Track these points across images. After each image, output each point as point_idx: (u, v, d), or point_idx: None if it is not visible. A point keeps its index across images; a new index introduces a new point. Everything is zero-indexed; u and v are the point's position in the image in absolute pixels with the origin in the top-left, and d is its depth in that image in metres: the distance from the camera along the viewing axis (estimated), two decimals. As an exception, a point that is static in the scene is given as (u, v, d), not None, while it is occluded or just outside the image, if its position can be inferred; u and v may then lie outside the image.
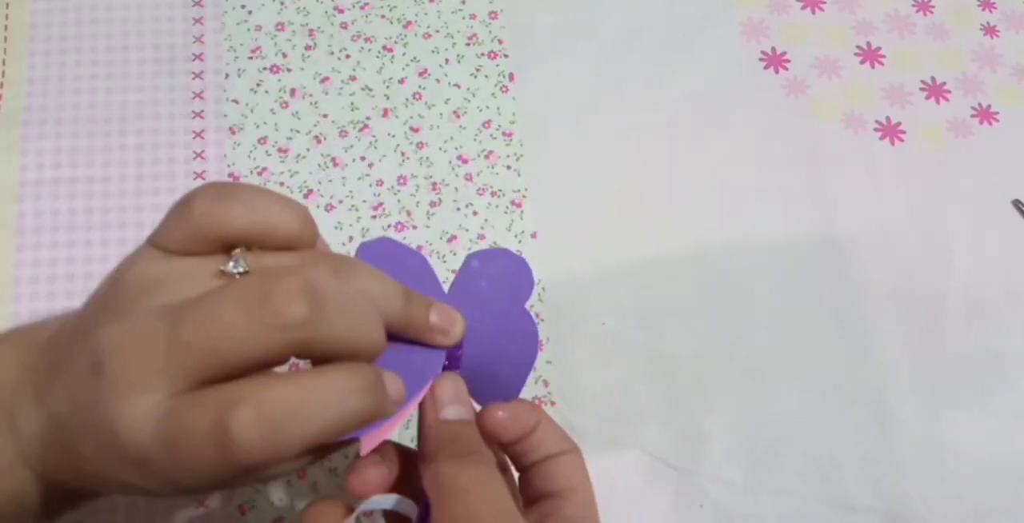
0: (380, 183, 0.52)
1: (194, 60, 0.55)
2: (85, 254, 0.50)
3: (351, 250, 0.50)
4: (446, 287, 0.35)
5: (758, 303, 0.50)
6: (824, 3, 0.59)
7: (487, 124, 0.54)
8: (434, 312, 0.30)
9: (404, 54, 0.56)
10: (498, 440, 0.30)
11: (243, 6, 0.56)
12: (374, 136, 0.53)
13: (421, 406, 0.30)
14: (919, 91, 0.57)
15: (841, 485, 0.47)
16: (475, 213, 0.52)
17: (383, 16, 0.57)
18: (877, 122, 0.56)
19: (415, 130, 0.54)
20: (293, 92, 0.54)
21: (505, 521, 0.26)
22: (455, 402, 0.30)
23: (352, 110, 0.54)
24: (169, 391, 0.22)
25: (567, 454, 0.31)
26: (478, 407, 0.31)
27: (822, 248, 0.52)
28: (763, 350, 0.49)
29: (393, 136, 0.53)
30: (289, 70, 0.55)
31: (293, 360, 0.25)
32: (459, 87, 0.55)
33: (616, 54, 0.56)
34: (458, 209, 0.52)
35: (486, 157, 0.53)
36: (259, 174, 0.52)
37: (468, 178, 0.53)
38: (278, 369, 0.25)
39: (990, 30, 0.59)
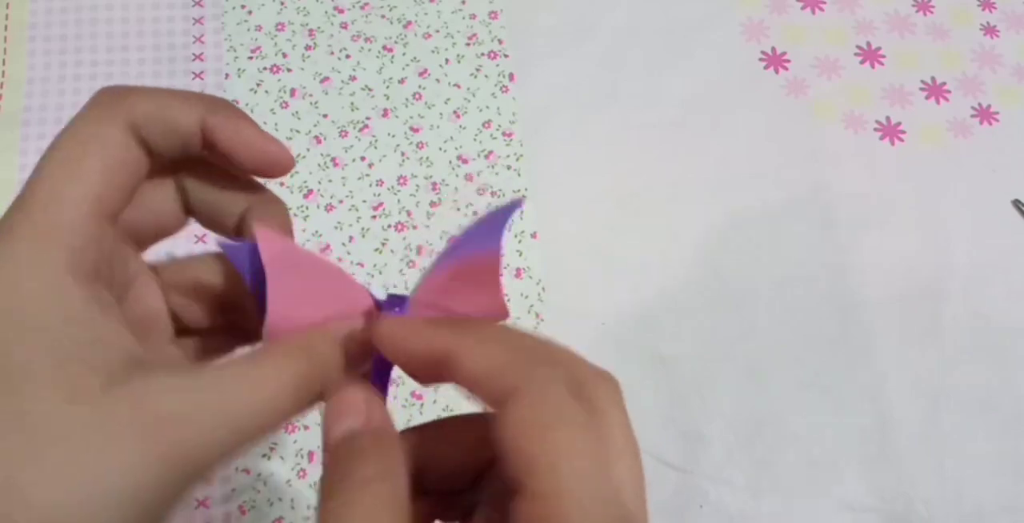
0: (380, 183, 0.52)
1: (194, 60, 0.55)
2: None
3: (351, 250, 0.50)
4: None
5: (758, 303, 0.50)
6: (824, 3, 0.59)
7: (487, 124, 0.54)
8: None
9: (404, 54, 0.56)
10: (392, 359, 0.23)
11: (243, 6, 0.56)
12: (374, 136, 0.53)
13: None
14: (919, 91, 0.57)
15: (841, 485, 0.47)
16: (475, 213, 0.52)
17: (383, 16, 0.57)
18: (877, 122, 0.56)
19: (415, 130, 0.54)
20: (293, 92, 0.54)
21: None
22: (346, 415, 0.22)
23: (352, 110, 0.54)
24: None
25: (504, 413, 0.20)
26: None
27: (822, 248, 0.52)
28: (763, 350, 0.49)
29: (393, 136, 0.53)
30: (289, 70, 0.55)
31: None
32: (459, 87, 0.55)
33: (616, 54, 0.56)
34: (458, 209, 0.52)
35: (486, 157, 0.53)
36: (259, 174, 0.52)
37: (468, 178, 0.53)
38: None
39: (990, 30, 0.59)
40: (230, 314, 0.26)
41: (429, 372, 0.22)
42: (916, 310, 0.51)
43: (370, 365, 0.25)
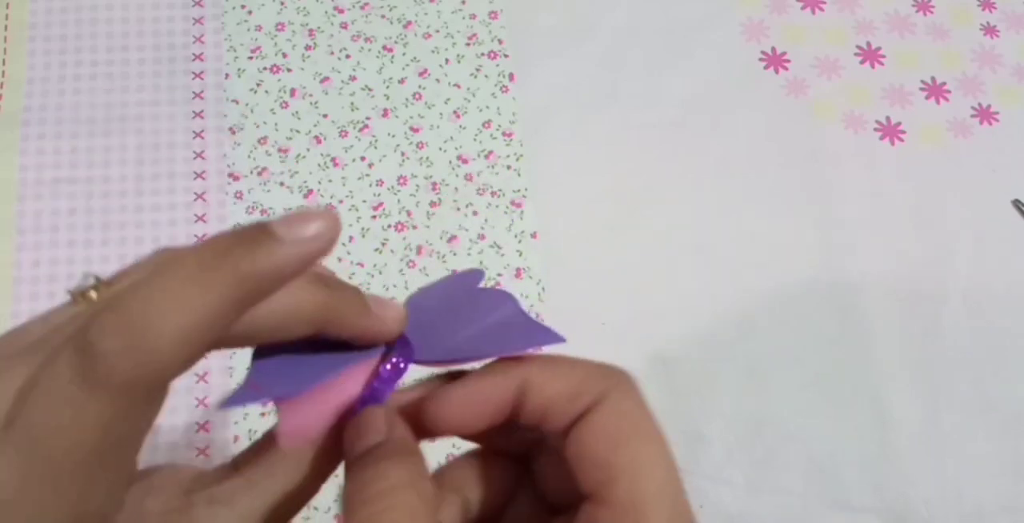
0: (380, 183, 0.52)
1: (194, 60, 0.55)
2: (85, 254, 0.50)
3: (351, 250, 0.50)
4: None
5: (758, 303, 0.50)
6: (824, 3, 0.59)
7: (487, 124, 0.54)
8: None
9: (404, 54, 0.56)
10: (465, 437, 0.22)
11: (243, 6, 0.56)
12: (374, 136, 0.53)
13: None
14: (919, 91, 0.57)
15: (841, 485, 0.47)
16: (475, 213, 0.52)
17: (383, 16, 0.57)
18: (877, 122, 0.56)
19: (415, 130, 0.54)
20: (293, 92, 0.54)
21: None
22: (368, 433, 0.22)
23: (352, 110, 0.54)
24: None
25: (589, 416, 0.20)
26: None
27: (822, 248, 0.52)
28: (763, 350, 0.49)
29: (393, 136, 0.53)
30: (289, 70, 0.55)
31: None
32: (459, 87, 0.55)
33: (616, 54, 0.56)
34: (458, 209, 0.52)
35: (486, 157, 0.53)
36: (259, 174, 0.52)
37: (468, 178, 0.53)
38: None
39: (990, 30, 0.59)
40: None
41: (499, 416, 0.22)
42: (916, 310, 0.51)
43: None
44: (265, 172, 0.52)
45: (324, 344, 0.22)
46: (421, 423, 0.22)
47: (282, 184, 0.52)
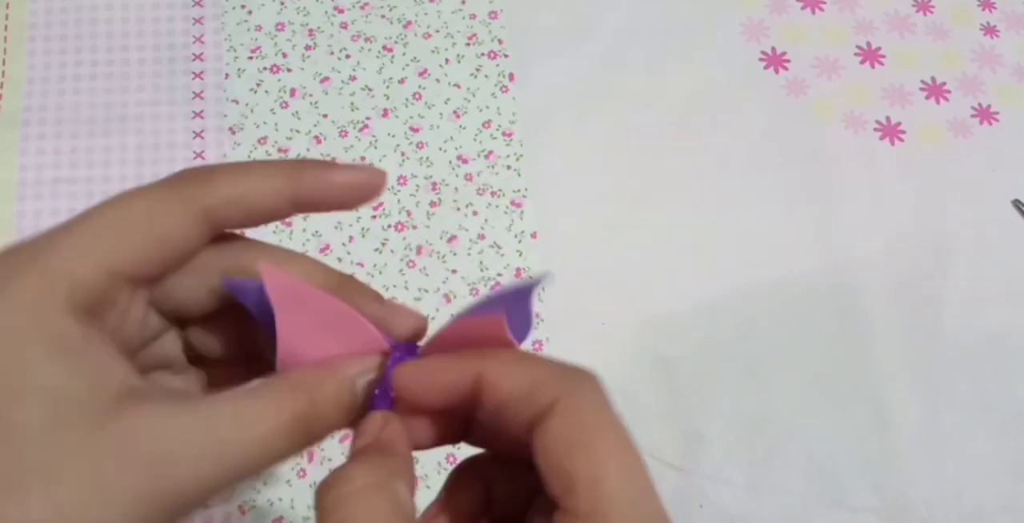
0: (380, 183, 0.52)
1: (194, 60, 0.55)
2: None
3: (351, 250, 0.50)
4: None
5: (758, 303, 0.50)
6: (824, 3, 0.59)
7: (487, 124, 0.54)
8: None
9: (404, 54, 0.56)
10: (421, 406, 0.22)
11: (243, 6, 0.56)
12: (374, 136, 0.53)
13: None
14: (919, 91, 0.57)
15: (841, 485, 0.47)
16: (475, 213, 0.52)
17: (383, 16, 0.57)
18: (877, 122, 0.56)
19: (415, 130, 0.54)
20: (293, 92, 0.54)
21: None
22: (357, 438, 0.23)
23: (352, 110, 0.54)
24: None
25: (543, 426, 0.20)
26: None
27: (822, 248, 0.52)
28: (763, 350, 0.49)
29: (393, 136, 0.53)
30: (289, 70, 0.55)
31: None
32: (459, 87, 0.55)
33: (616, 54, 0.56)
34: (458, 209, 0.52)
35: (486, 157, 0.53)
36: (259, 174, 0.52)
37: (468, 178, 0.53)
38: None
39: (990, 30, 0.59)
40: (247, 344, 0.26)
41: (455, 406, 0.22)
42: (916, 310, 0.51)
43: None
44: (265, 172, 0.52)
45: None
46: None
47: (282, 184, 0.52)
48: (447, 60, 0.56)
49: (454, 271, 0.50)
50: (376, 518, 0.19)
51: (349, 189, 0.24)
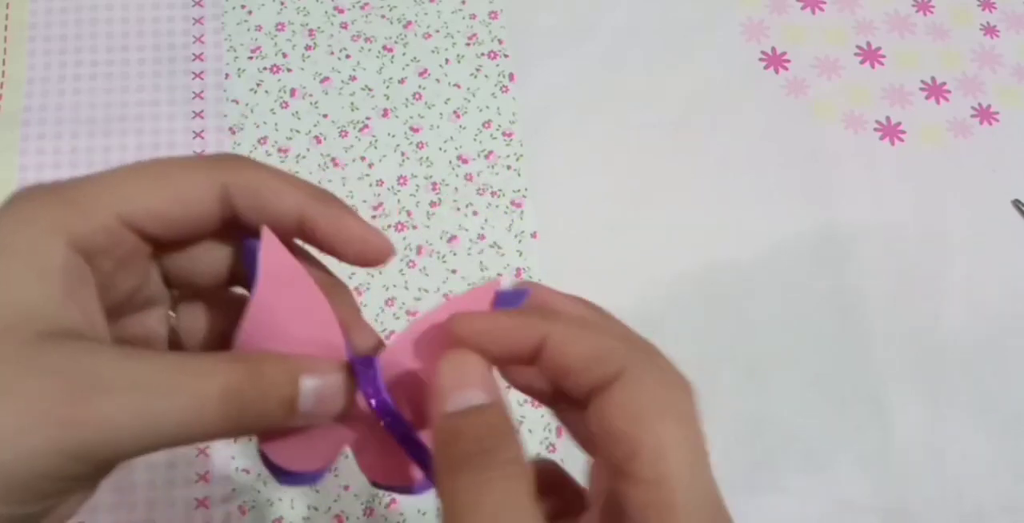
0: (380, 183, 0.52)
1: (194, 60, 0.55)
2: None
3: (351, 250, 0.50)
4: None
5: (758, 303, 0.50)
6: (824, 3, 0.59)
7: (487, 124, 0.54)
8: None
9: (404, 54, 0.56)
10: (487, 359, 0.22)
11: (243, 6, 0.56)
12: (374, 136, 0.53)
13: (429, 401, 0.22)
14: (919, 91, 0.57)
15: (841, 485, 0.47)
16: (475, 213, 0.52)
17: (383, 16, 0.57)
18: (877, 122, 0.56)
19: (415, 130, 0.54)
20: (293, 92, 0.54)
21: None
22: (464, 386, 0.21)
23: (352, 110, 0.54)
24: None
25: (607, 392, 0.20)
26: None
27: (822, 248, 0.52)
28: (763, 350, 0.49)
29: (393, 136, 0.53)
30: (289, 70, 0.55)
31: None
32: (459, 87, 0.55)
33: (616, 54, 0.56)
34: (458, 209, 0.52)
35: (486, 157, 0.53)
36: (259, 174, 0.52)
37: (468, 178, 0.53)
38: None
39: (990, 30, 0.59)
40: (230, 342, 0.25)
41: (515, 363, 0.22)
42: (916, 310, 0.51)
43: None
44: (265, 172, 0.52)
45: None
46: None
47: (282, 184, 0.52)
48: (447, 60, 0.56)
49: (454, 271, 0.50)
50: (523, 483, 0.19)
51: (359, 242, 0.23)
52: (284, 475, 0.23)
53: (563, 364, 0.21)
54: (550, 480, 0.25)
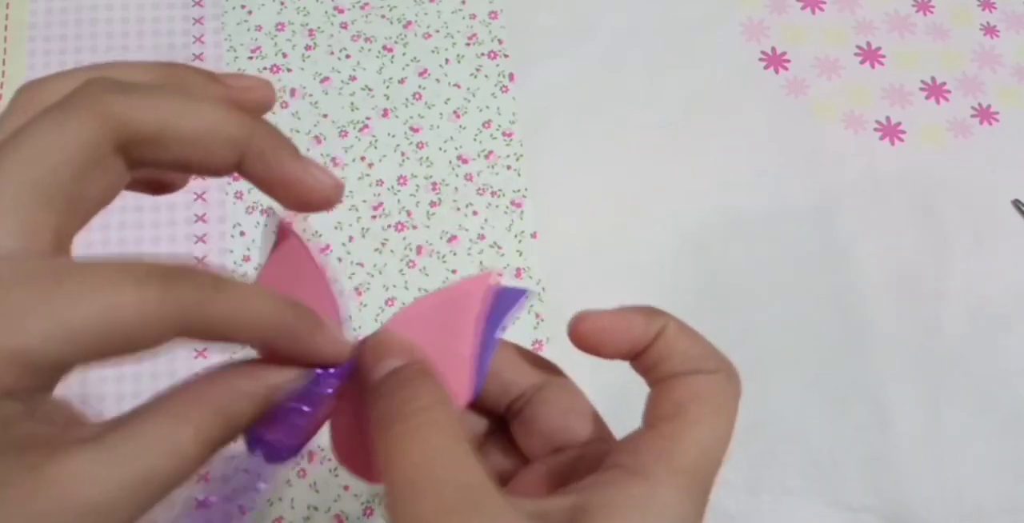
0: (380, 183, 0.52)
1: (194, 60, 0.55)
2: (85, 254, 0.50)
3: (351, 250, 0.50)
4: None
5: (758, 303, 0.50)
6: (824, 3, 0.59)
7: (487, 124, 0.54)
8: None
9: (404, 54, 0.56)
10: (594, 355, 0.24)
11: (243, 6, 0.56)
12: (374, 136, 0.53)
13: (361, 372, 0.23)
14: (919, 91, 0.57)
15: (841, 485, 0.47)
16: (475, 213, 0.52)
17: (383, 16, 0.57)
18: (877, 122, 0.56)
19: (415, 130, 0.54)
20: (293, 92, 0.54)
21: (473, 496, 0.19)
22: (383, 358, 0.22)
23: (352, 110, 0.54)
24: None
25: (694, 375, 0.24)
26: None
27: (822, 248, 0.52)
28: (763, 350, 0.49)
29: (393, 136, 0.53)
30: (289, 70, 0.55)
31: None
32: (459, 87, 0.55)
33: (616, 54, 0.56)
34: (458, 209, 0.52)
35: (486, 157, 0.53)
36: (259, 174, 0.52)
37: (468, 178, 0.53)
38: None
39: (990, 30, 0.59)
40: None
41: (623, 358, 0.24)
42: (916, 310, 0.51)
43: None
44: (265, 172, 0.52)
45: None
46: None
47: (282, 184, 0.52)
48: (447, 60, 0.56)
49: (454, 271, 0.50)
50: (446, 427, 0.20)
51: (295, 184, 0.22)
52: (261, 445, 0.22)
53: (669, 356, 0.24)
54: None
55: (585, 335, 0.24)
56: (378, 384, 0.22)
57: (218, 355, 0.23)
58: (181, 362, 0.46)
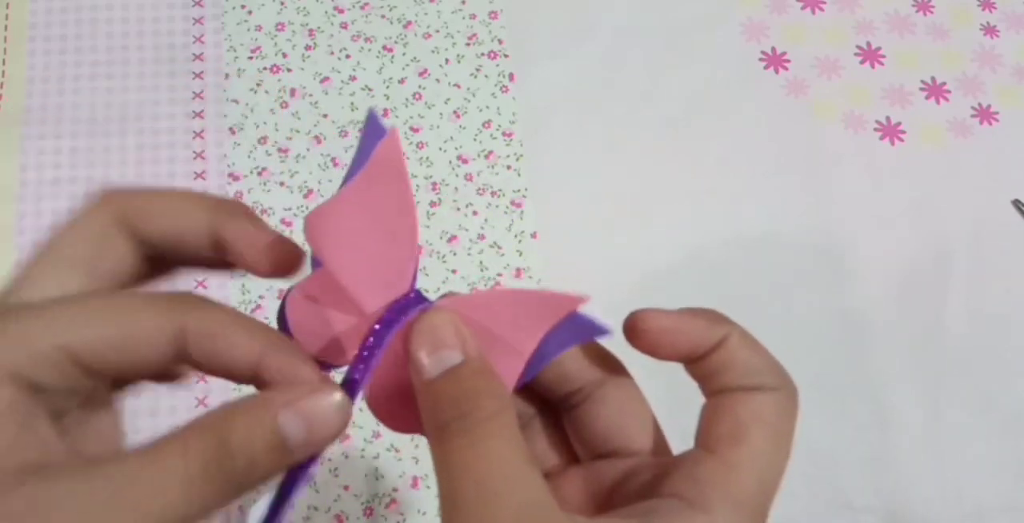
0: (380, 183, 0.52)
1: (194, 60, 0.55)
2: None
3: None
4: None
5: (758, 303, 0.50)
6: (824, 3, 0.59)
7: (487, 124, 0.54)
8: None
9: (404, 54, 0.56)
10: (649, 355, 0.24)
11: (243, 6, 0.56)
12: (374, 136, 0.53)
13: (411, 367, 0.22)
14: (919, 91, 0.57)
15: (841, 485, 0.47)
16: (475, 213, 0.52)
17: (383, 16, 0.57)
18: (877, 122, 0.56)
19: (415, 130, 0.54)
20: (293, 92, 0.54)
21: (537, 514, 0.19)
22: (441, 347, 0.21)
23: (352, 110, 0.54)
24: None
25: (756, 393, 0.23)
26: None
27: (822, 248, 0.52)
28: (763, 350, 0.49)
29: (393, 136, 0.53)
30: (289, 70, 0.55)
31: None
32: (459, 87, 0.55)
33: (616, 54, 0.56)
34: (458, 209, 0.52)
35: (486, 157, 0.53)
36: (259, 174, 0.52)
37: (468, 178, 0.53)
38: None
39: (990, 30, 0.59)
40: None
41: (682, 361, 0.24)
42: (916, 310, 0.51)
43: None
44: (265, 172, 0.52)
45: None
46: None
47: (282, 184, 0.52)
48: (447, 60, 0.56)
49: (454, 271, 0.50)
50: (510, 439, 0.20)
51: (267, 250, 0.23)
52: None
53: (726, 368, 0.23)
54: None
55: (643, 334, 0.24)
56: (434, 382, 0.21)
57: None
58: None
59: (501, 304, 0.23)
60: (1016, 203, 0.54)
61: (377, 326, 0.22)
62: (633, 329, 0.24)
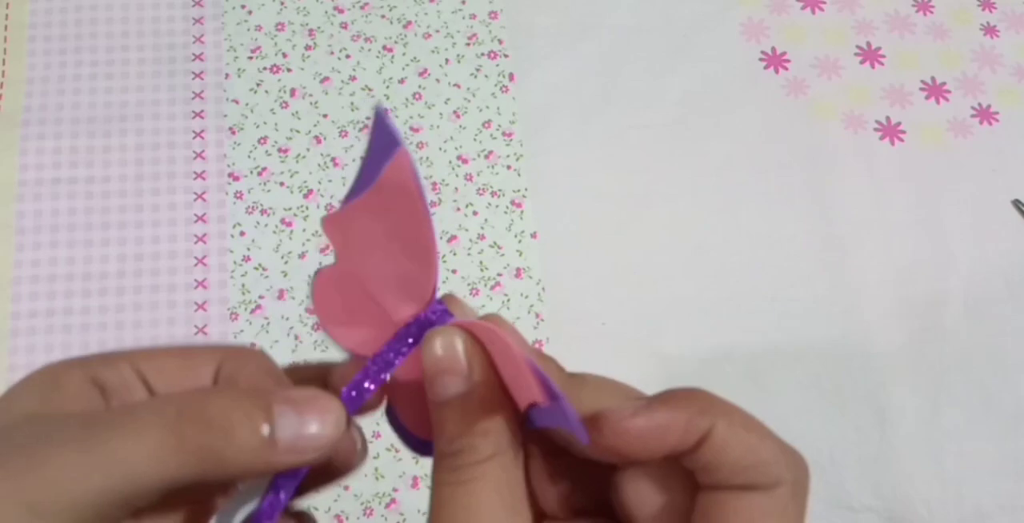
0: (380, 183, 0.52)
1: (194, 60, 0.55)
2: (85, 254, 0.50)
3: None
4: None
5: (758, 303, 0.50)
6: (824, 3, 0.59)
7: (487, 124, 0.54)
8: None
9: (404, 54, 0.56)
10: (620, 460, 0.21)
11: (243, 6, 0.56)
12: (374, 136, 0.53)
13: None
14: (919, 91, 0.57)
15: (841, 485, 0.47)
16: (475, 213, 0.52)
17: (383, 16, 0.57)
18: (877, 122, 0.56)
19: (415, 130, 0.54)
20: (293, 92, 0.54)
21: None
22: (442, 372, 0.20)
23: (352, 110, 0.54)
24: None
25: (750, 494, 0.20)
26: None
27: (822, 248, 0.52)
28: (763, 350, 0.49)
29: (393, 136, 0.53)
30: (289, 70, 0.55)
31: None
32: (459, 87, 0.55)
33: (616, 54, 0.56)
34: (458, 209, 0.52)
35: (486, 157, 0.53)
36: (259, 174, 0.52)
37: (468, 178, 0.53)
38: None
39: (990, 30, 0.59)
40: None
41: (668, 454, 0.21)
42: (916, 310, 0.51)
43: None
44: (265, 172, 0.52)
45: None
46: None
47: (282, 184, 0.52)
48: (447, 60, 0.56)
49: (454, 271, 0.50)
50: (497, 486, 0.20)
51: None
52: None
53: (718, 461, 0.20)
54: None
55: (614, 437, 0.20)
56: (438, 408, 0.21)
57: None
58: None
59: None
60: (1016, 203, 0.54)
61: (386, 346, 0.22)
62: (601, 431, 0.20)
